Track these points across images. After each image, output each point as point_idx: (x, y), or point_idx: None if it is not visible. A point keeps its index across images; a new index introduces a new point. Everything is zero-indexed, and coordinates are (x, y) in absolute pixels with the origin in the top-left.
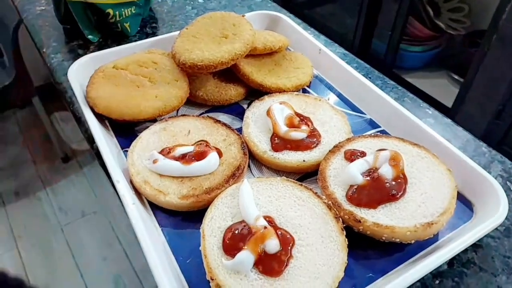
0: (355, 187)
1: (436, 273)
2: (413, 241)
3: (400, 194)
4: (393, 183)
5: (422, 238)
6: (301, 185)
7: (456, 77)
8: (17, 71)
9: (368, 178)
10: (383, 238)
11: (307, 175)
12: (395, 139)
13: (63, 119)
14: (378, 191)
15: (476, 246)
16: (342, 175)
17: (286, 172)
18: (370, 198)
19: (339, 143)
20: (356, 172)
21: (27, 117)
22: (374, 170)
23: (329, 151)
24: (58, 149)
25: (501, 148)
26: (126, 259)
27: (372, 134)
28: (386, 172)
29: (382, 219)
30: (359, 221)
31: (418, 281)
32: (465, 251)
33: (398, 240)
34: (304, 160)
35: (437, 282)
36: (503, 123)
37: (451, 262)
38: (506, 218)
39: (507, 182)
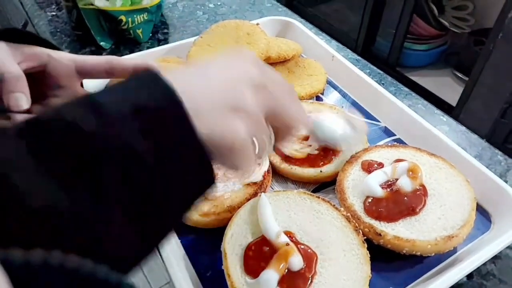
0: (371, 198)
1: (456, 285)
2: (433, 254)
3: (420, 207)
4: (413, 196)
5: (443, 251)
6: (318, 197)
7: (460, 75)
8: None
9: (387, 190)
10: (404, 251)
11: (323, 185)
12: (412, 149)
13: None
14: (398, 204)
15: (495, 257)
16: (361, 187)
17: (302, 182)
18: (390, 212)
19: (356, 153)
20: (375, 184)
21: None
22: (393, 182)
23: (346, 161)
24: None
25: (506, 147)
26: None
27: (389, 144)
28: (405, 184)
29: (403, 232)
30: (380, 235)
31: None
32: (484, 262)
33: (419, 253)
34: (321, 171)
35: None
36: (508, 122)
37: (470, 274)
38: None
39: None
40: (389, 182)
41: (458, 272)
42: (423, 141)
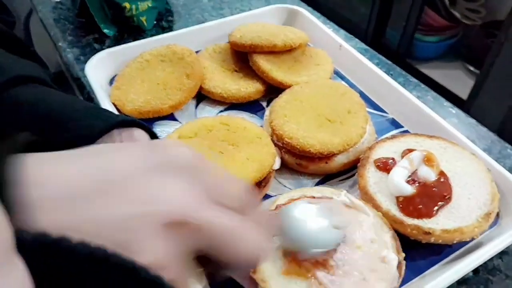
0: (402, 197)
1: (462, 280)
2: (478, 237)
3: (450, 194)
4: (440, 184)
5: (485, 229)
6: None
7: (471, 68)
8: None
9: (415, 185)
10: (454, 242)
11: (329, 177)
12: (412, 136)
13: None
14: (431, 197)
15: (501, 253)
16: (388, 189)
17: (307, 173)
18: (427, 207)
19: (364, 154)
20: (403, 183)
21: None
22: (414, 175)
23: (359, 165)
24: None
25: None
26: None
27: (389, 136)
28: (427, 174)
29: (447, 223)
30: (429, 233)
31: None
32: (490, 258)
33: (468, 239)
34: (326, 162)
35: None
36: None
37: (476, 269)
38: None
39: None
40: (412, 176)
41: (464, 266)
42: (431, 133)
